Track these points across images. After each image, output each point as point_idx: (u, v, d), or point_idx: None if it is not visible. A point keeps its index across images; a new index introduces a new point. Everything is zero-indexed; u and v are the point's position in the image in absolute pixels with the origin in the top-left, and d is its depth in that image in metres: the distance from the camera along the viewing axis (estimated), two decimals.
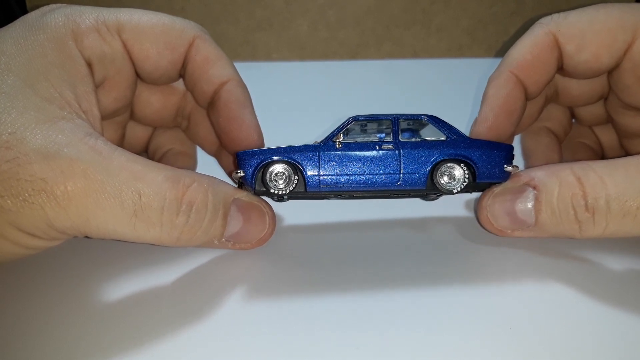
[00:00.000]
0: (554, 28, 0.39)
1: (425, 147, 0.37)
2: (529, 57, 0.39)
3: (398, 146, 0.37)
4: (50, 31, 0.34)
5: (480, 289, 0.35)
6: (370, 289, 0.35)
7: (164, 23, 0.39)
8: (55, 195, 0.30)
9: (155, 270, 0.37)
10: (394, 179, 0.37)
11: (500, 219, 0.38)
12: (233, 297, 0.35)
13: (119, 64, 0.38)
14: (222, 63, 0.41)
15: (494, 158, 0.37)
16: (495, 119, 0.40)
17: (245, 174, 0.37)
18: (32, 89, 0.32)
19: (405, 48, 0.88)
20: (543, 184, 0.36)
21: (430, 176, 0.37)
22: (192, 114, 0.45)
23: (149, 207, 0.32)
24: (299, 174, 0.37)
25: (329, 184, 0.37)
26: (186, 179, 0.34)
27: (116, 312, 0.33)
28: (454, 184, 0.37)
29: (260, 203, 0.38)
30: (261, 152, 0.37)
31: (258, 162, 0.37)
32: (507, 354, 0.30)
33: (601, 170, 0.34)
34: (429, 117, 0.39)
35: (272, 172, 0.37)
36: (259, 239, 0.38)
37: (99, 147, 0.32)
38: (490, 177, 0.37)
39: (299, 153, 0.37)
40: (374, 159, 0.37)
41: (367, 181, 0.37)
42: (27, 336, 0.31)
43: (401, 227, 0.43)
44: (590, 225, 0.34)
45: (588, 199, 0.34)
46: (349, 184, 0.37)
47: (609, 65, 0.39)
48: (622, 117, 0.44)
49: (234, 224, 0.36)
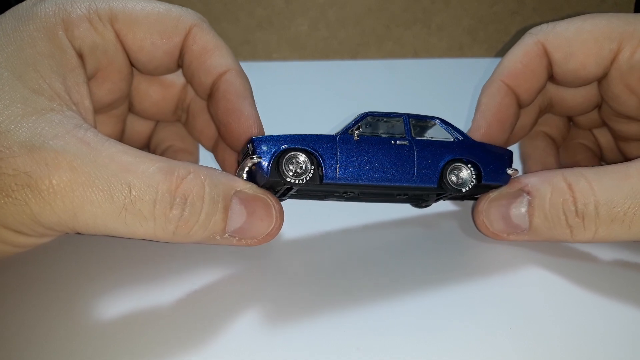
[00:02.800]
0: (542, 37, 0.40)
1: (437, 146, 0.37)
2: (519, 66, 0.40)
3: (412, 142, 0.37)
4: (40, 21, 0.34)
5: (481, 288, 0.35)
6: (369, 290, 0.35)
7: (159, 11, 0.37)
8: (39, 190, 0.29)
9: (152, 280, 0.36)
10: (408, 173, 0.36)
11: (495, 223, 0.38)
12: (230, 307, 0.33)
13: (112, 55, 0.37)
14: (221, 52, 0.39)
15: (497, 161, 0.38)
16: (488, 127, 0.40)
17: (262, 160, 0.34)
18: (20, 81, 0.31)
19: (406, 47, 0.88)
20: (536, 190, 0.36)
21: (440, 174, 0.37)
22: (191, 107, 0.44)
23: (140, 200, 0.31)
24: (315, 165, 0.35)
25: (346, 177, 0.35)
26: (181, 170, 0.32)
27: (110, 324, 0.32)
28: (463, 184, 0.37)
29: (265, 195, 0.36)
30: (278, 139, 0.35)
31: (276, 149, 0.35)
32: (508, 354, 0.30)
33: (591, 176, 0.35)
34: (439, 119, 0.39)
35: (289, 160, 0.35)
36: (266, 234, 0.36)
37: (87, 138, 0.31)
38: (494, 179, 0.38)
39: (318, 142, 0.35)
40: (391, 153, 0.36)
41: (383, 175, 0.36)
42: (11, 345, 0.30)
43: (400, 228, 0.43)
44: (581, 230, 0.35)
45: (578, 205, 0.34)
46: (365, 177, 0.36)
47: (597, 73, 0.39)
48: (615, 123, 0.44)
49: (236, 218, 0.35)
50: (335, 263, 0.38)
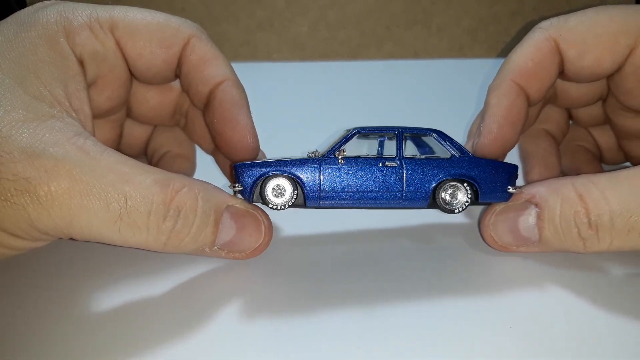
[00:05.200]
0: (554, 33, 0.38)
1: (430, 166, 0.36)
2: (531, 65, 0.38)
3: (402, 163, 0.36)
4: (41, 28, 0.34)
5: (481, 287, 0.35)
6: (369, 290, 0.35)
7: (159, 21, 0.38)
8: (38, 196, 0.30)
9: (147, 280, 0.36)
10: (396, 196, 0.36)
11: (504, 236, 0.37)
12: (227, 309, 0.34)
13: (112, 62, 0.38)
14: (218, 63, 0.40)
15: (497, 178, 0.37)
16: (500, 130, 0.38)
17: (244, 188, 0.36)
18: (21, 87, 0.32)
19: (406, 48, 0.88)
20: (545, 201, 0.35)
21: (433, 194, 0.36)
22: (190, 111, 0.45)
23: (135, 210, 0.31)
24: (299, 188, 0.36)
25: (329, 200, 0.36)
26: (176, 183, 0.33)
27: (104, 323, 0.32)
28: (456, 204, 0.37)
29: (256, 211, 0.37)
30: (259, 165, 0.36)
31: (257, 176, 0.35)
32: (508, 353, 0.30)
33: (603, 185, 0.33)
34: (436, 132, 0.38)
35: (271, 186, 0.36)
36: (254, 248, 0.37)
37: (87, 147, 0.31)
38: (492, 197, 0.37)
39: (299, 167, 0.35)
40: (377, 176, 0.36)
41: (369, 198, 0.36)
42: (6, 346, 0.30)
43: (401, 234, 0.42)
44: (594, 241, 0.34)
45: (591, 216, 0.33)
46: (349, 200, 0.36)
47: (611, 69, 0.38)
48: (620, 118, 0.43)
49: (226, 232, 0.35)
50: (336, 264, 0.38)
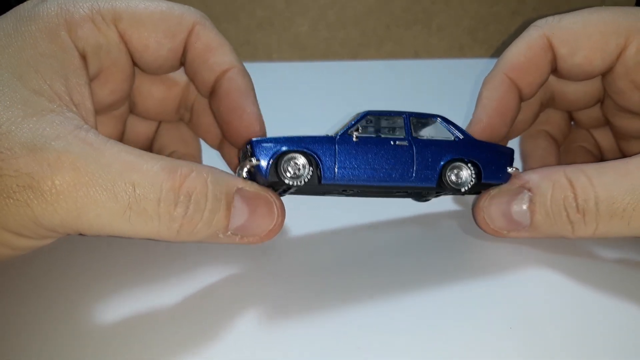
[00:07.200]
0: (547, 31, 0.39)
1: (437, 146, 0.37)
2: (523, 60, 0.40)
3: (411, 143, 0.37)
4: (42, 21, 0.33)
5: (482, 287, 0.35)
6: (369, 289, 0.35)
7: (162, 10, 0.37)
8: (42, 191, 0.29)
9: (155, 283, 0.35)
10: (407, 174, 0.37)
11: (496, 220, 0.38)
12: (234, 303, 0.33)
13: (115, 55, 0.37)
14: (223, 50, 0.39)
15: (498, 160, 0.38)
16: (488, 120, 0.40)
17: (260, 162, 0.35)
18: (20, 81, 0.31)
19: (406, 48, 0.88)
20: (537, 187, 0.36)
21: (440, 174, 0.37)
22: (195, 105, 0.44)
23: (144, 198, 0.30)
24: (314, 166, 0.36)
25: (344, 178, 0.36)
26: (184, 168, 0.32)
27: (112, 325, 0.32)
28: (462, 183, 0.38)
29: (267, 193, 0.36)
30: (276, 140, 0.35)
31: (275, 151, 0.35)
32: (508, 353, 0.30)
33: (591, 172, 0.35)
34: (440, 117, 0.39)
35: (288, 162, 0.35)
36: (268, 231, 0.36)
37: (89, 139, 0.31)
38: (494, 178, 0.38)
39: (316, 144, 0.36)
40: (389, 154, 0.36)
41: (382, 176, 0.36)
42: (12, 346, 0.30)
43: (400, 226, 0.43)
44: (581, 225, 0.35)
45: (579, 201, 0.35)
46: (363, 178, 0.36)
47: (602, 68, 0.39)
48: (617, 119, 0.44)
49: (239, 215, 0.34)
50: (336, 262, 0.38)
